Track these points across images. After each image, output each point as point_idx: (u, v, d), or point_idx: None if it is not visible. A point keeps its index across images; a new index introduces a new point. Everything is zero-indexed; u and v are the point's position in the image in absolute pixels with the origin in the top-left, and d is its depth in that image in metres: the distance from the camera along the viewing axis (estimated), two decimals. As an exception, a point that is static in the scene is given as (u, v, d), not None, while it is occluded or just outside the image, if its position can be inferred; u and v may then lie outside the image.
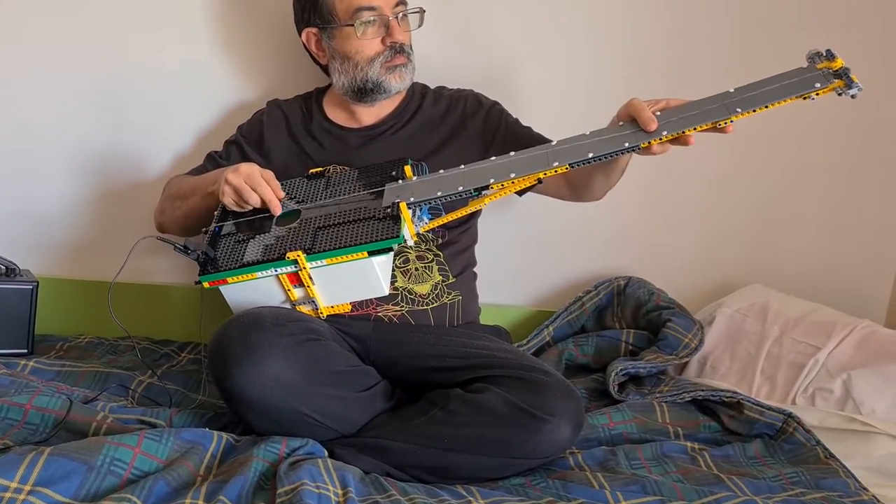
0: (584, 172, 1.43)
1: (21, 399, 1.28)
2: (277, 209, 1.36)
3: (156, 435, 1.16)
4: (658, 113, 1.22)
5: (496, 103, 1.61)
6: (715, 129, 1.19)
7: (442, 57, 1.72)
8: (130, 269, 1.44)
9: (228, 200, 1.37)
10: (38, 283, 1.63)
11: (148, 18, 1.75)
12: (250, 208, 1.38)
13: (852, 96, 1.14)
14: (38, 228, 1.82)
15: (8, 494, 1.00)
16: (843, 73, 1.15)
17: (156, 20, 1.75)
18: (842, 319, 1.60)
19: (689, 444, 1.38)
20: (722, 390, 1.48)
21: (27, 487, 1.02)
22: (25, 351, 1.61)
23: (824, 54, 1.18)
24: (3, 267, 1.63)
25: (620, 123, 1.26)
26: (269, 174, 1.38)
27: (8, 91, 1.77)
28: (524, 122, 1.59)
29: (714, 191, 1.82)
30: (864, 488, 1.24)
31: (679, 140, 1.21)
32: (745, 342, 1.64)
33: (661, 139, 1.20)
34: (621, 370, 1.55)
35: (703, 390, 1.48)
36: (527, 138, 1.53)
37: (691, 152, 1.28)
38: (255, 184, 1.35)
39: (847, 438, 1.40)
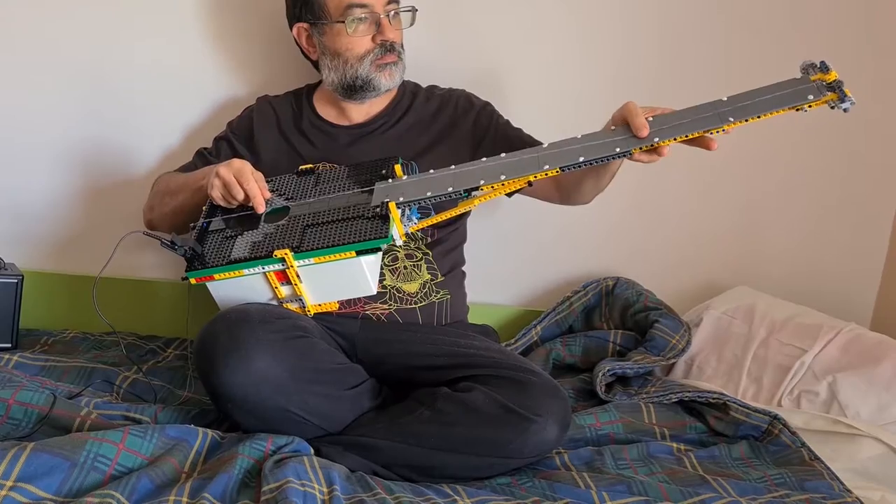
0: (574, 177, 1.43)
1: (4, 394, 1.27)
2: (260, 208, 1.35)
3: (140, 431, 1.15)
4: (650, 119, 1.22)
5: (487, 104, 1.61)
6: (704, 139, 1.19)
7: (433, 56, 1.71)
8: (117, 263, 1.43)
9: (216, 194, 1.36)
10: (22, 276, 1.62)
11: (138, 12, 1.73)
12: (236, 204, 1.37)
13: (844, 110, 1.13)
14: (23, 222, 1.81)
15: (-10, 490, 0.99)
16: (836, 86, 1.13)
17: (146, 14, 1.73)
18: (828, 322, 1.61)
19: (675, 444, 1.38)
20: (708, 391, 1.48)
21: (9, 483, 1.01)
22: (9, 345, 1.60)
23: (818, 66, 1.17)
24: (-13, 260, 1.63)
25: (613, 128, 1.25)
26: (260, 175, 1.37)
27: (-5, 83, 1.76)
28: (515, 123, 1.59)
29: (702, 193, 1.83)
30: (849, 490, 1.24)
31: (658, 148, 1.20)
32: (732, 344, 1.64)
33: (652, 145, 1.20)
34: (608, 370, 1.55)
35: (689, 391, 1.48)
36: (517, 140, 1.53)
37: (679, 155, 1.28)
38: (243, 179, 1.34)
39: (832, 441, 1.41)
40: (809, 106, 1.15)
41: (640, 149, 1.21)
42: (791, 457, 1.35)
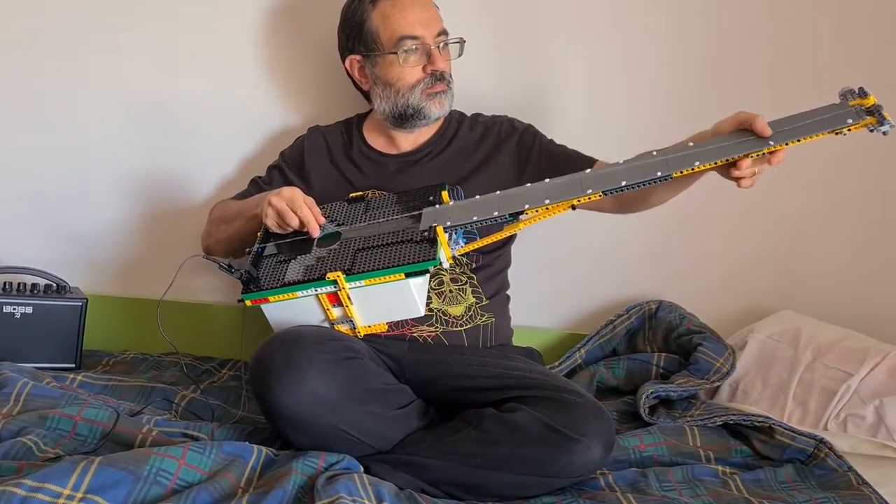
0: (642, 192, 1.43)
1: (71, 411, 1.33)
2: (315, 232, 1.40)
3: (199, 447, 1.19)
4: (691, 144, 1.25)
5: (530, 126, 1.65)
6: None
7: (479, 84, 1.76)
8: (175, 287, 1.48)
9: (271, 222, 1.42)
10: (87, 300, 1.68)
11: (195, 48, 1.81)
12: (291, 230, 1.42)
13: (884, 133, 1.16)
14: (87, 248, 1.88)
15: (61, 500, 1.04)
16: (875, 111, 1.16)
17: (203, 50, 1.82)
18: (874, 346, 1.60)
19: (720, 467, 1.38)
20: (753, 415, 1.48)
21: (79, 494, 1.06)
22: (73, 365, 1.66)
23: (857, 91, 1.19)
24: (54, 284, 1.69)
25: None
26: (311, 200, 1.42)
27: (65, 116, 1.84)
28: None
29: (745, 216, 1.83)
30: (898, 515, 1.24)
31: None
32: (778, 367, 1.64)
33: (692, 169, 1.23)
34: (652, 393, 1.56)
35: (734, 414, 1.48)
36: (561, 156, 1.56)
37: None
38: (296, 206, 1.39)
39: (880, 465, 1.40)
40: (849, 129, 1.17)
41: (682, 172, 1.23)
42: (838, 481, 1.34)
